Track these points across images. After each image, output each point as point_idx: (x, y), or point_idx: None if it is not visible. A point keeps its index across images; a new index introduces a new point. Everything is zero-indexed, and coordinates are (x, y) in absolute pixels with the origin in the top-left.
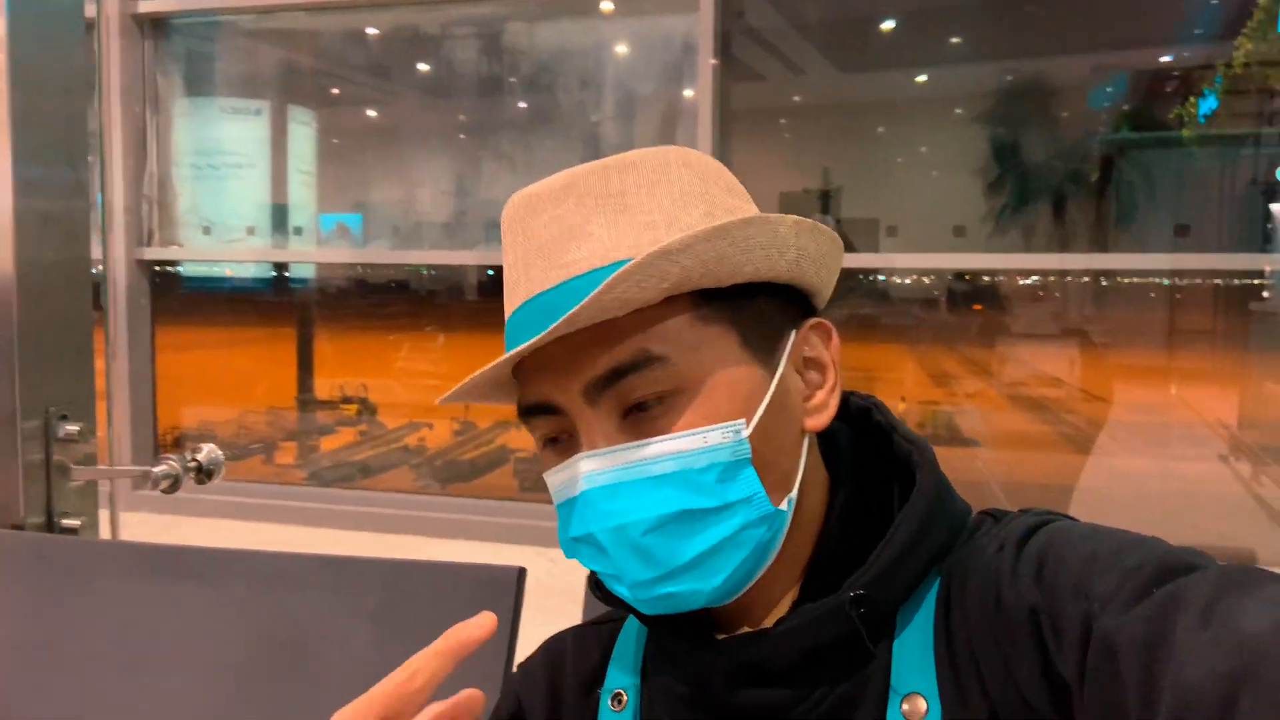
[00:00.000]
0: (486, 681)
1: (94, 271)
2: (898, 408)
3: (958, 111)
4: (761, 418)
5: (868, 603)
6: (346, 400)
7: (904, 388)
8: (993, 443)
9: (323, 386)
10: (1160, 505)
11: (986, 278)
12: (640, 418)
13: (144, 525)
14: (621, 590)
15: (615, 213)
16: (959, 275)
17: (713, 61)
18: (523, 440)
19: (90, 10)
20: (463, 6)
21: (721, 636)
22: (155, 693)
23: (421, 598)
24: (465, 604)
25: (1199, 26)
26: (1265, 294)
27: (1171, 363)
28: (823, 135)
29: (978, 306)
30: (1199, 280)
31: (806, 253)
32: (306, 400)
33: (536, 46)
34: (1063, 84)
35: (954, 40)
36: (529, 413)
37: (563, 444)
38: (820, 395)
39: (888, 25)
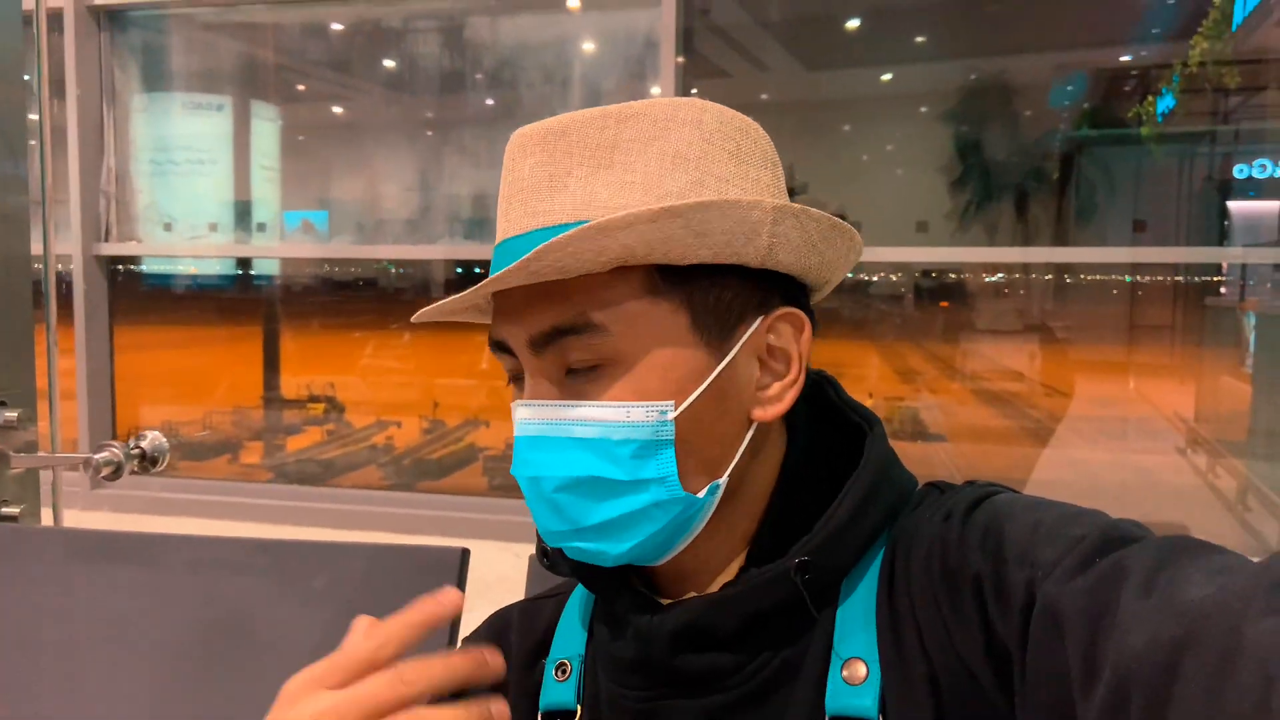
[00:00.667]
0: None
1: (58, 268)
2: (864, 403)
3: (922, 109)
4: (694, 402)
5: (812, 569)
6: (314, 399)
7: (870, 383)
8: (958, 437)
9: (289, 385)
10: (1119, 496)
11: (952, 275)
12: (576, 379)
13: (101, 523)
14: (543, 535)
15: (598, 167)
16: (925, 272)
17: (678, 59)
18: (491, 439)
19: (30, 1)
20: (424, 0)
21: (666, 602)
22: (96, 677)
23: (364, 579)
24: (408, 585)
25: (1156, 26)
26: (1222, 290)
27: (1131, 357)
28: (788, 133)
29: (944, 303)
30: (1159, 277)
31: (787, 240)
32: (272, 399)
33: (499, 41)
34: (1024, 83)
35: (918, 39)
36: (493, 347)
37: (520, 384)
38: (776, 387)
39: (853, 24)
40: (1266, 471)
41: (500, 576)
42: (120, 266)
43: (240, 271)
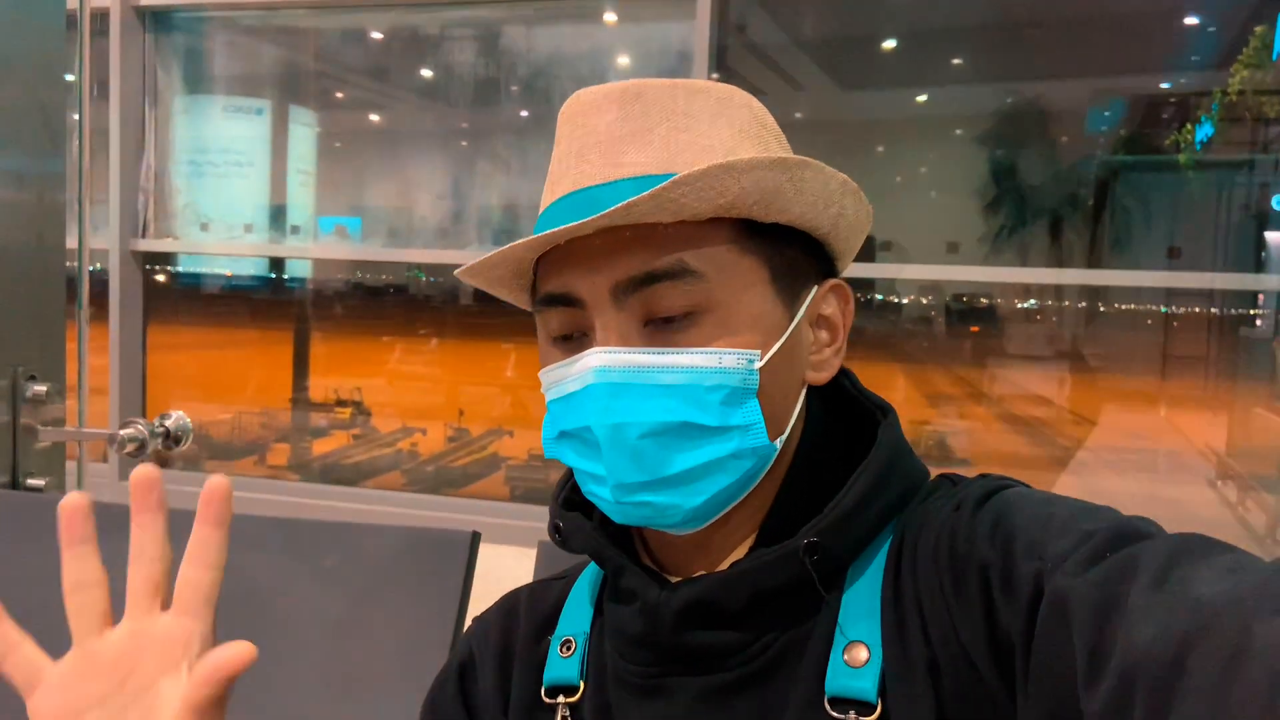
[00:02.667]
0: (437, 642)
1: (95, 265)
2: None
3: (957, 132)
4: (774, 355)
5: (821, 550)
6: (341, 403)
7: (895, 406)
8: (984, 462)
9: (317, 388)
10: None
11: (983, 299)
12: (661, 327)
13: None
14: (602, 492)
15: (678, 130)
16: (956, 296)
17: (712, 75)
18: (514, 449)
19: (74, 2)
20: (461, 9)
21: (675, 579)
22: None
23: (376, 559)
24: (419, 566)
25: (1196, 54)
26: (1257, 322)
27: (1163, 388)
28: (821, 152)
29: (974, 328)
30: (1193, 308)
31: (846, 214)
32: (299, 400)
33: (534, 51)
34: (1061, 108)
35: (955, 61)
36: (549, 302)
37: (573, 341)
38: (826, 353)
39: (889, 44)
40: None
41: (519, 580)
42: (156, 266)
43: (273, 275)
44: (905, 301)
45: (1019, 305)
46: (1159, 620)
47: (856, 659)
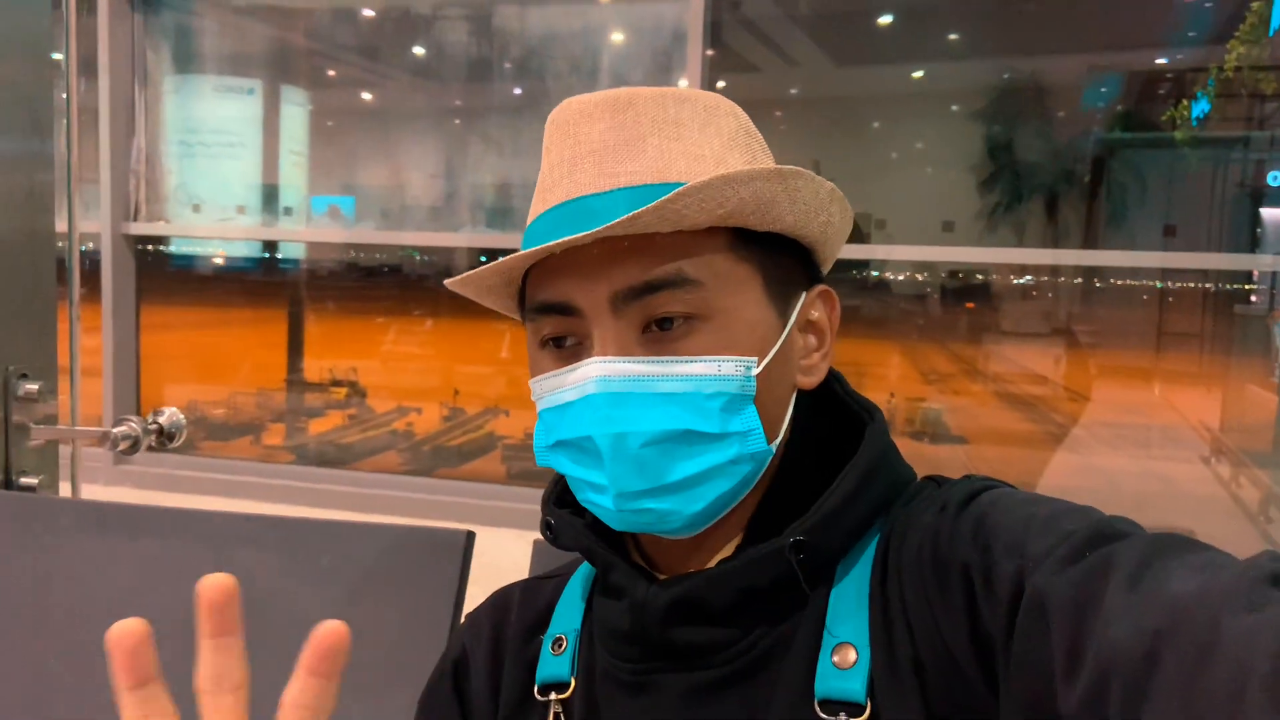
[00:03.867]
0: (432, 642)
1: (86, 246)
2: (887, 404)
3: (953, 108)
4: (770, 362)
5: (807, 549)
6: (336, 383)
7: (891, 383)
8: (979, 439)
9: (312, 369)
10: (1139, 504)
11: (979, 276)
12: (659, 336)
13: (118, 498)
14: (602, 500)
15: (670, 139)
16: (951, 273)
17: (708, 51)
18: (510, 427)
19: None
20: None
21: (663, 577)
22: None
23: (372, 558)
24: (414, 565)
25: (1192, 29)
26: (1252, 298)
27: (1157, 364)
28: (816, 128)
29: (969, 305)
30: (1189, 284)
31: (833, 221)
32: (295, 381)
33: (527, 30)
34: (1058, 84)
35: (951, 37)
36: (543, 310)
37: (566, 349)
38: (814, 357)
39: (884, 20)
40: None
41: (515, 563)
42: (149, 246)
43: (267, 255)
44: (900, 279)
45: (1015, 281)
46: (1133, 618)
47: (845, 660)
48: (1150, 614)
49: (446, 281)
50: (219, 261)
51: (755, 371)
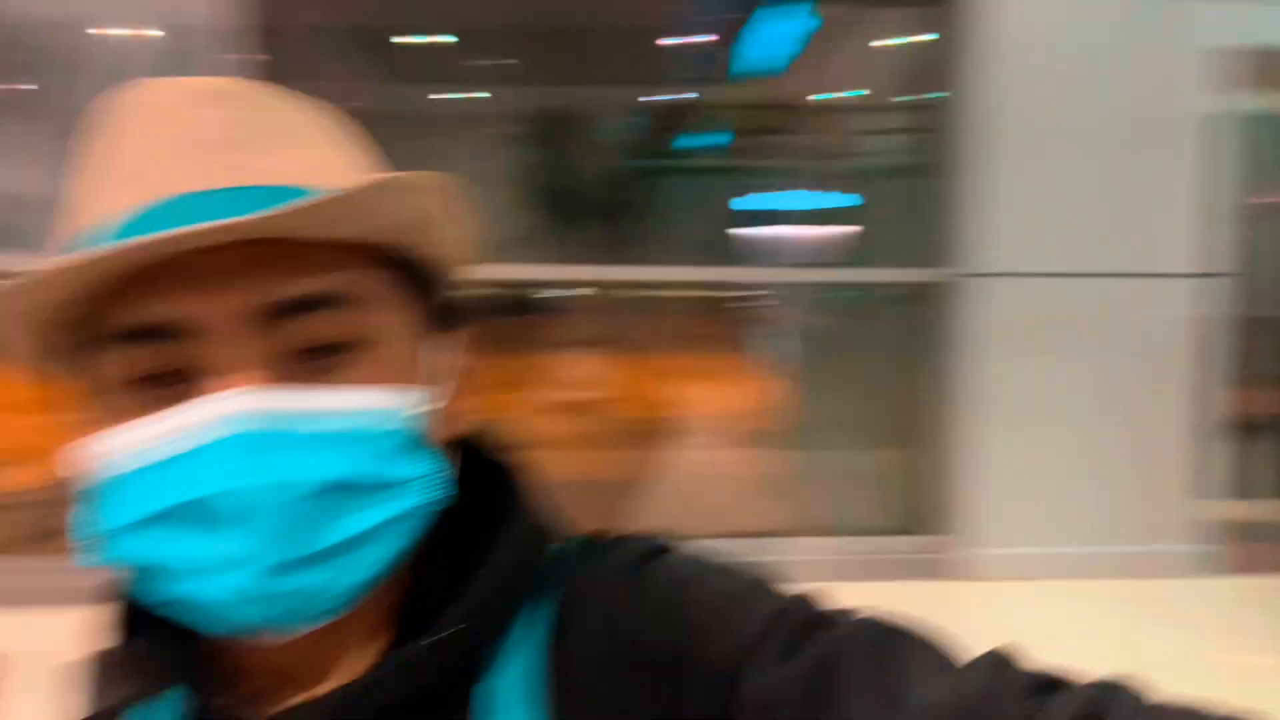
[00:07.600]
0: None
1: None
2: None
3: (492, 131)
4: (433, 401)
5: (454, 644)
6: None
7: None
8: (544, 445)
9: None
10: (683, 491)
11: (531, 292)
12: (309, 365)
13: None
14: (228, 582)
15: (288, 135)
16: (504, 288)
17: (232, 57)
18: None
19: None
20: None
21: (294, 703)
22: None
23: None
24: None
25: (704, 69)
26: (761, 304)
27: (689, 364)
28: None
29: (522, 318)
30: (712, 293)
31: (474, 248)
32: None
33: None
34: (590, 113)
35: (495, 63)
36: (139, 335)
37: (165, 384)
38: (465, 400)
39: (426, 40)
40: (806, 458)
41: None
42: None
43: None
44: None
45: (563, 295)
46: None
47: None
48: None
49: None
50: None
51: (425, 408)
